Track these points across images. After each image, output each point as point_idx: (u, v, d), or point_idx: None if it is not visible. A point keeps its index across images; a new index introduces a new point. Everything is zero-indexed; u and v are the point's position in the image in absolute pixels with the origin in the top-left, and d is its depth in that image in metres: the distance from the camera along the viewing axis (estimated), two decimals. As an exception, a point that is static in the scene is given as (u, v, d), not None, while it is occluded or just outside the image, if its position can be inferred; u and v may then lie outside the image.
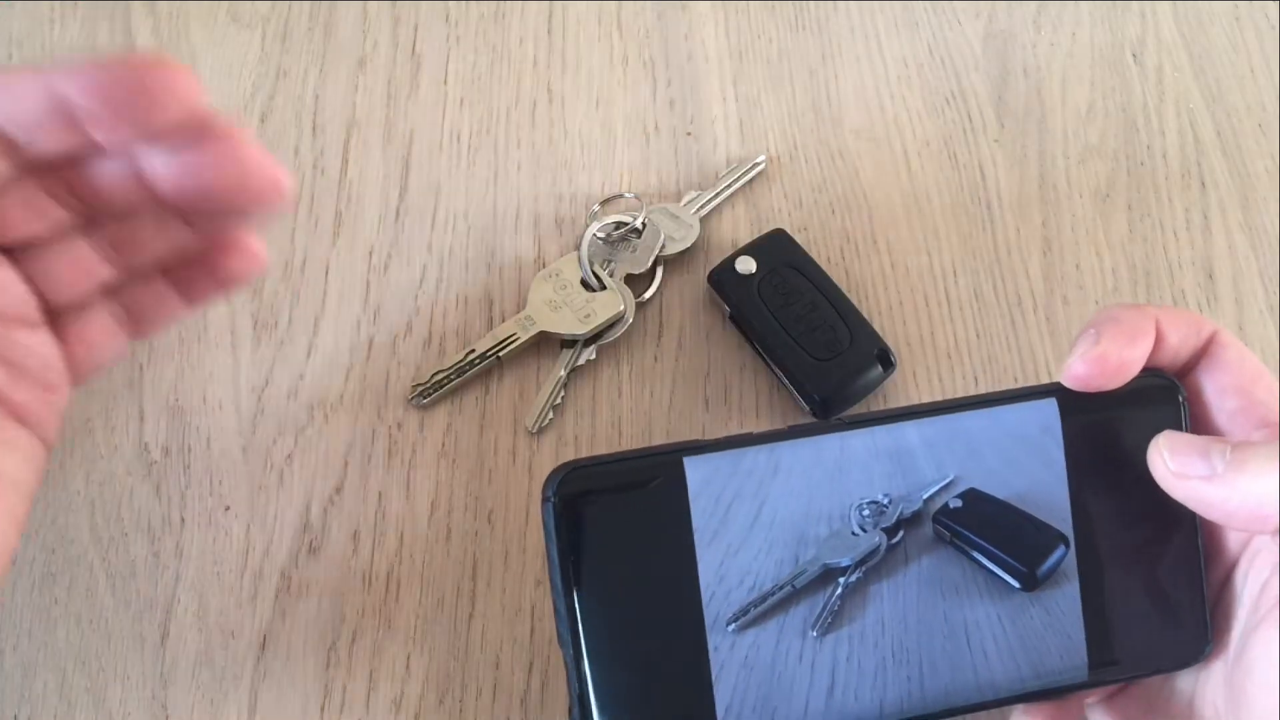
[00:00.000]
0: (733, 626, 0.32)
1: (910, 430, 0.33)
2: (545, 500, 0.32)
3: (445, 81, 0.55)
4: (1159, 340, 0.33)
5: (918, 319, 0.50)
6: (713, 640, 0.32)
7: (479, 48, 0.56)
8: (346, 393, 0.48)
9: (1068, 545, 0.33)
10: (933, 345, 0.50)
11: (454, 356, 0.48)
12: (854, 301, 0.48)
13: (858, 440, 0.33)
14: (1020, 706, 0.35)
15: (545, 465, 0.47)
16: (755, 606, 0.32)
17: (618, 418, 0.47)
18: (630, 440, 0.47)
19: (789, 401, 0.48)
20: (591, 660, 0.32)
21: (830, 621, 0.32)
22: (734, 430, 0.47)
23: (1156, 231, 0.53)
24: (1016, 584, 0.33)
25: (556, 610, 0.32)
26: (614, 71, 0.56)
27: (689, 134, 0.54)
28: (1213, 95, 0.56)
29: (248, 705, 0.42)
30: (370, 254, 0.51)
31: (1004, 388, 0.49)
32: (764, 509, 0.32)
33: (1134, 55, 0.57)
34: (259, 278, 0.34)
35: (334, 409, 0.48)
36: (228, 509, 0.46)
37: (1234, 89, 0.56)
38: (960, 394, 0.49)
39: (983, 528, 0.33)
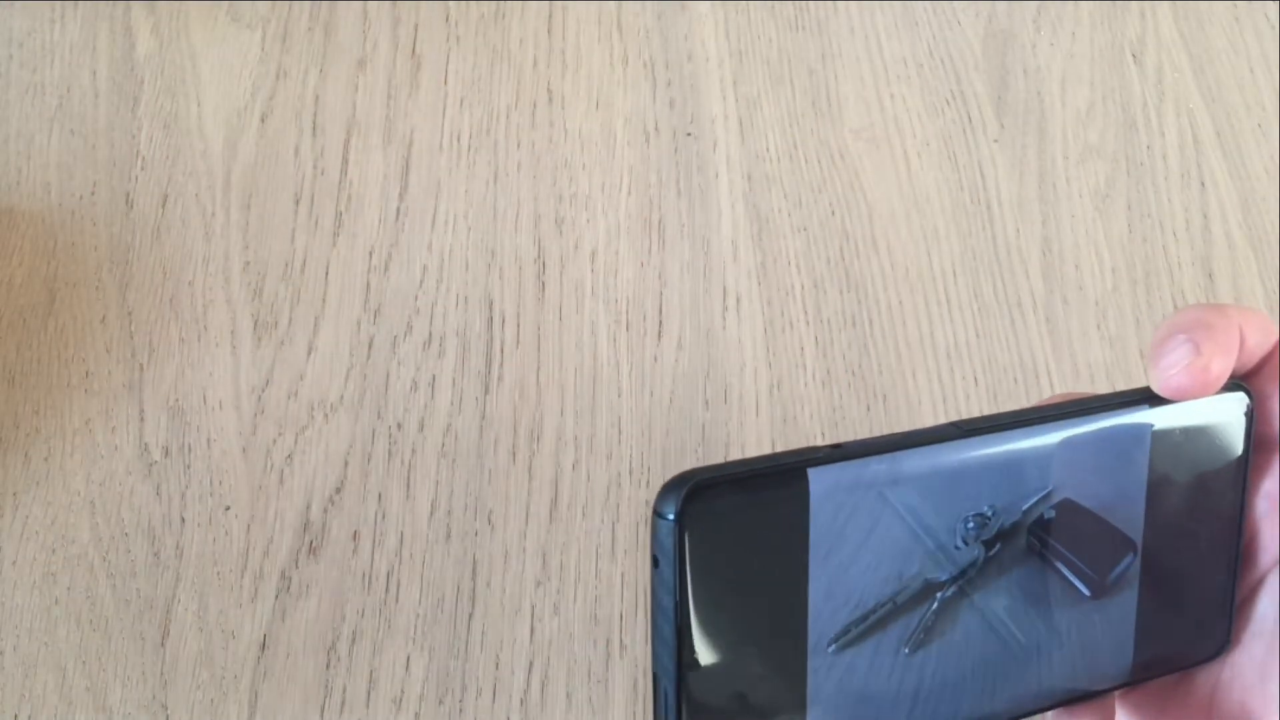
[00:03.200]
0: (833, 647, 0.31)
1: (1018, 438, 0.33)
2: (661, 517, 0.30)
3: (445, 81, 0.55)
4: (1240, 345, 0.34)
5: (918, 319, 0.50)
6: (813, 663, 0.31)
7: (479, 48, 0.56)
8: (346, 393, 0.48)
9: (1136, 553, 0.34)
10: (933, 345, 0.50)
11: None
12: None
13: (973, 449, 0.32)
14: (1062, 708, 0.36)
15: (546, 465, 0.47)
16: (856, 626, 0.31)
17: (617, 418, 0.48)
18: (630, 440, 0.47)
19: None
20: (693, 686, 0.31)
21: (922, 638, 0.32)
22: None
23: (1156, 231, 0.53)
24: (1087, 591, 0.33)
25: (659, 632, 0.31)
26: (614, 72, 0.56)
27: (689, 134, 0.54)
28: (1212, 95, 0.56)
29: (248, 705, 0.42)
30: (370, 254, 0.51)
31: (1008, 382, 0.49)
32: (880, 523, 0.31)
33: (1134, 55, 0.57)
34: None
35: (334, 409, 0.48)
36: (228, 509, 0.46)
37: (1233, 89, 0.56)
38: (960, 393, 0.49)
39: (1067, 537, 0.33)
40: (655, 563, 0.30)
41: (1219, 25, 0.58)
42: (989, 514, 0.32)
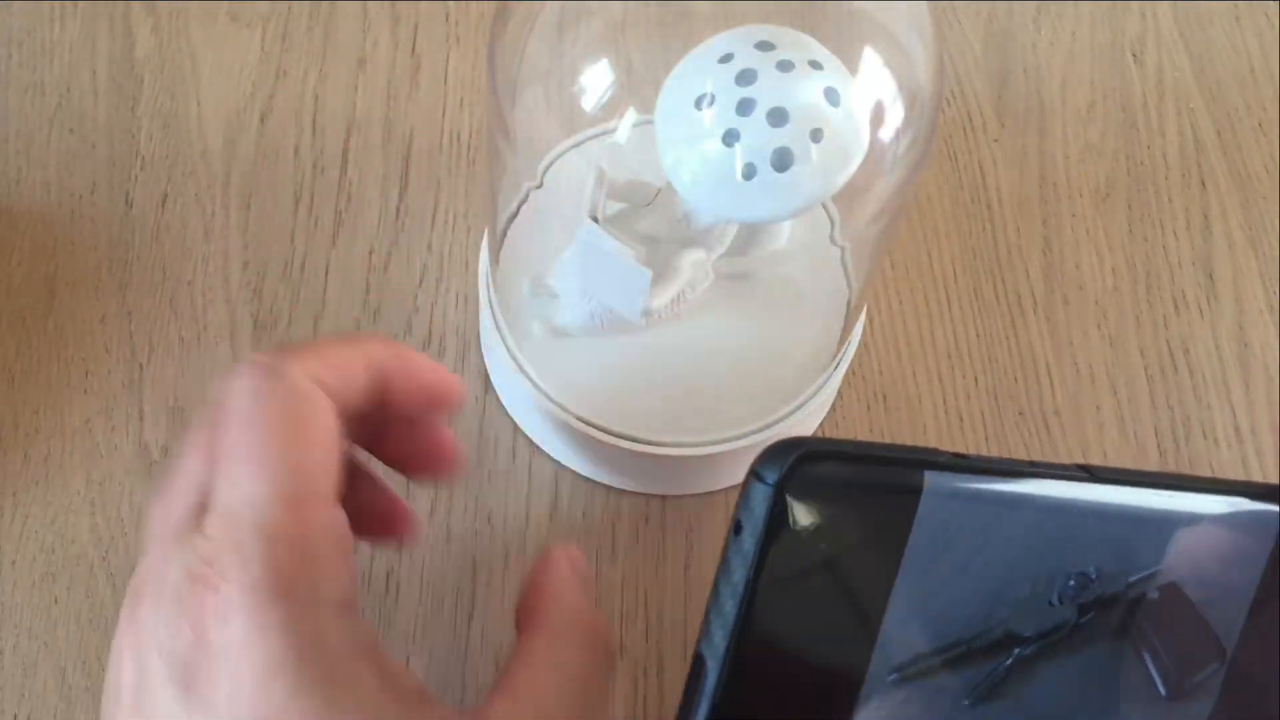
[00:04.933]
0: (894, 676, 0.28)
1: (1143, 501, 0.29)
2: (760, 480, 0.26)
3: (445, 81, 0.55)
4: None
5: (918, 319, 0.50)
6: (869, 686, 0.28)
7: (479, 48, 0.56)
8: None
9: (1224, 662, 0.30)
10: (933, 345, 0.50)
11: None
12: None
13: (1094, 498, 0.29)
14: None
15: (546, 466, 0.47)
16: (927, 659, 0.28)
17: (618, 418, 0.48)
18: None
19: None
20: (739, 675, 0.27)
21: (987, 692, 0.29)
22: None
23: (1156, 231, 0.53)
24: (1164, 691, 0.30)
25: (719, 607, 0.27)
26: (614, 71, 0.56)
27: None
28: (1213, 95, 0.56)
29: (248, 705, 0.42)
30: (370, 254, 0.51)
31: (1008, 382, 0.49)
32: (982, 553, 0.28)
33: (1134, 55, 0.57)
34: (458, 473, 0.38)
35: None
36: (228, 509, 0.46)
37: (1234, 89, 0.56)
38: (960, 393, 0.49)
39: (1161, 625, 0.30)
40: (738, 529, 0.27)
41: (1220, 25, 0.58)
42: (1093, 576, 0.29)
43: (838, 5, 0.40)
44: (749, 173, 0.34)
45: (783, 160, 0.34)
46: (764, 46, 0.35)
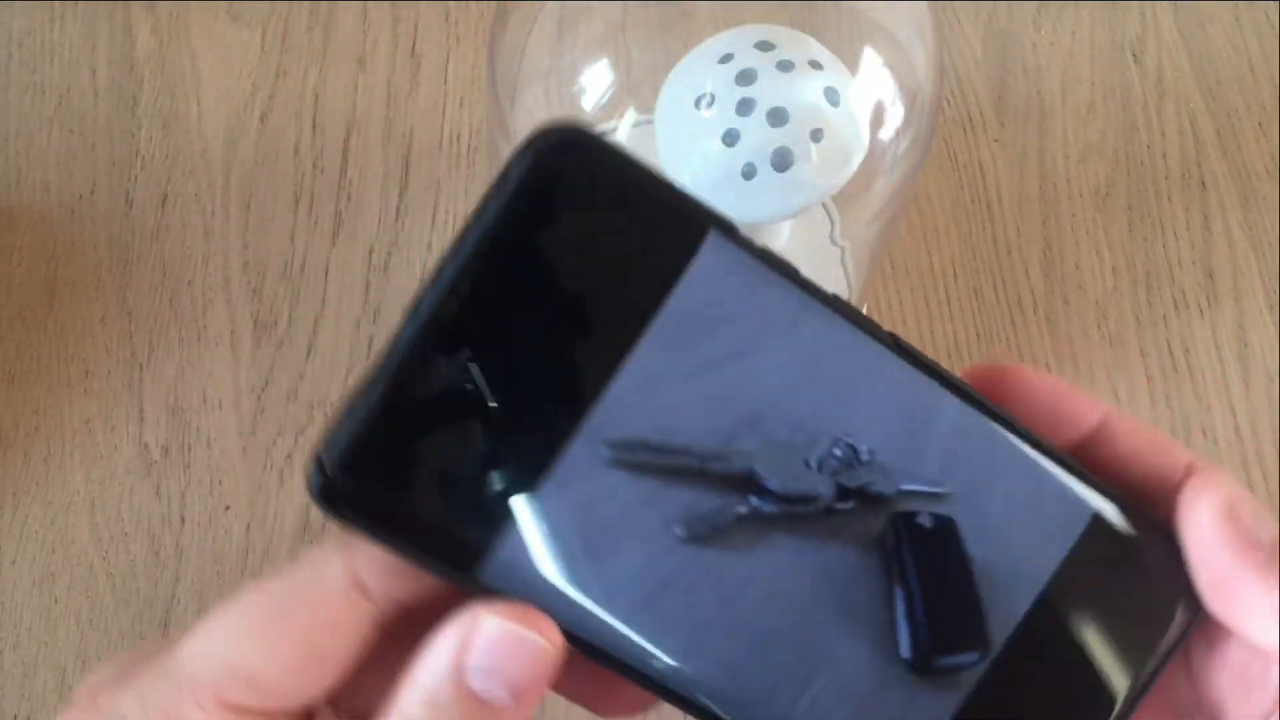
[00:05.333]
0: (607, 453, 0.22)
1: (952, 408, 0.25)
2: (527, 150, 0.22)
3: (445, 81, 0.55)
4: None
5: (918, 319, 0.50)
6: (574, 447, 0.22)
7: (479, 48, 0.56)
8: (347, 393, 0.48)
9: (985, 658, 0.25)
10: (933, 345, 0.50)
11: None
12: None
13: (893, 374, 0.24)
14: None
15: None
16: (649, 451, 0.23)
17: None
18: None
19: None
20: (411, 377, 0.22)
21: (703, 536, 0.23)
22: None
23: (1156, 231, 0.53)
24: (908, 655, 0.24)
25: (431, 282, 0.22)
26: (614, 71, 0.56)
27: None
28: (1213, 95, 0.56)
29: (248, 705, 0.42)
30: (370, 254, 0.51)
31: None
32: (745, 357, 0.23)
33: (1134, 55, 0.57)
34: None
35: (334, 409, 0.48)
36: (228, 509, 0.46)
37: (1234, 88, 0.56)
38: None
39: (927, 570, 0.24)
40: (487, 200, 0.22)
41: (1220, 25, 0.58)
42: (862, 457, 0.24)
43: (838, 5, 0.40)
44: (749, 172, 0.34)
45: (783, 160, 0.34)
46: (764, 46, 0.35)
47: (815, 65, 0.35)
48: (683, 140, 0.35)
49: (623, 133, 0.37)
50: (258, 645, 0.23)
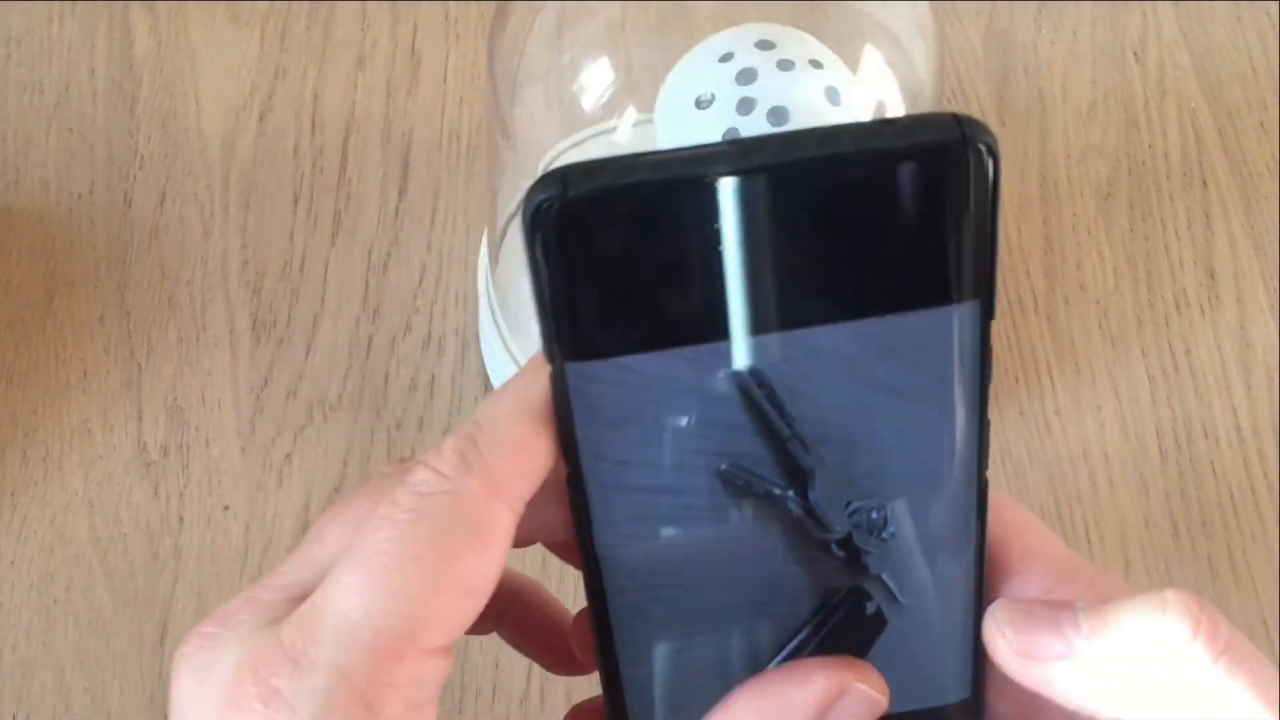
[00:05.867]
0: (741, 370, 0.23)
1: (965, 557, 0.25)
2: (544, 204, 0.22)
3: (445, 80, 0.55)
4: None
5: (918, 318, 0.50)
6: (728, 344, 0.23)
7: (479, 47, 0.56)
8: (346, 393, 0.48)
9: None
10: (933, 345, 0.49)
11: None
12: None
13: (960, 492, 0.25)
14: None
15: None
16: (767, 394, 0.23)
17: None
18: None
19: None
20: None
21: (734, 483, 0.24)
22: None
23: (1158, 230, 0.53)
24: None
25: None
26: (614, 70, 0.56)
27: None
28: (1214, 94, 0.56)
29: (247, 706, 0.42)
30: (370, 254, 0.51)
31: (1008, 381, 0.49)
32: (900, 399, 0.24)
33: (1135, 54, 0.57)
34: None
35: (333, 409, 0.48)
36: (227, 509, 0.46)
37: (1235, 88, 0.56)
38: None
39: (839, 636, 0.25)
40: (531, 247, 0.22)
41: (1221, 24, 0.58)
42: (883, 535, 0.25)
43: (838, 4, 0.40)
44: (749, 172, 0.34)
45: (783, 160, 0.34)
46: (764, 45, 0.35)
47: (816, 64, 0.35)
48: (683, 140, 0.35)
49: (623, 132, 0.37)
50: (428, 583, 0.24)
